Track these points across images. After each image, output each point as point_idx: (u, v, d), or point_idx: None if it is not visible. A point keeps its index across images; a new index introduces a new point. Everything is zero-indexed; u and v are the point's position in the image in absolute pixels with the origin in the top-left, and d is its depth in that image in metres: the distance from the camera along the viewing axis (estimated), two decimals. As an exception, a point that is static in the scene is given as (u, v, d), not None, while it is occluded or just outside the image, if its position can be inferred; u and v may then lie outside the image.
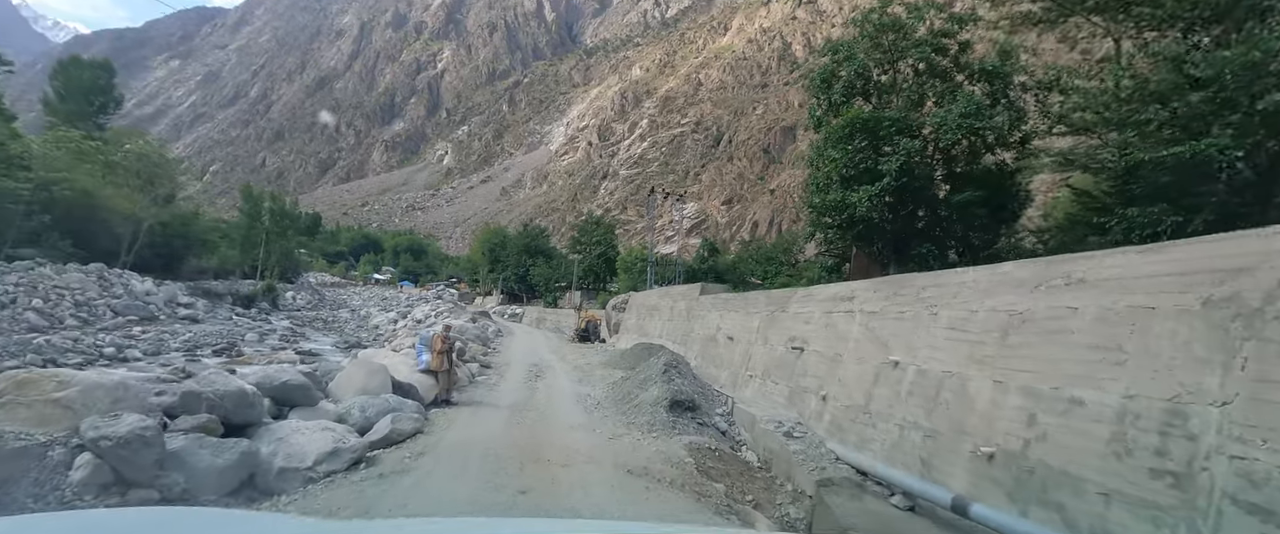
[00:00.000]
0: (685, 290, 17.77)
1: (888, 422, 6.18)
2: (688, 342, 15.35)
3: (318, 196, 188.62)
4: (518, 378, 13.77)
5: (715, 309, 14.09)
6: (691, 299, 16.35)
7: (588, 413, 9.32)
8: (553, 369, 15.82)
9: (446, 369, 9.47)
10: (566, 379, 13.85)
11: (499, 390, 11.75)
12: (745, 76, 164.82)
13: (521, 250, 61.56)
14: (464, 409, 9.25)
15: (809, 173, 18.07)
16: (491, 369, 15.04)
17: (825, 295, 8.74)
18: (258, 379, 6.46)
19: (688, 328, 15.90)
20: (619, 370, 14.24)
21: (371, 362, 8.66)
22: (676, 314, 17.46)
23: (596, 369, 15.75)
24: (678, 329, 16.80)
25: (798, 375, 8.65)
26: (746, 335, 11.35)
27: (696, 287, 16.65)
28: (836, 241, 16.21)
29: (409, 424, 6.87)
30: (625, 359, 16.02)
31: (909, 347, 6.29)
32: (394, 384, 8.12)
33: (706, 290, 16.08)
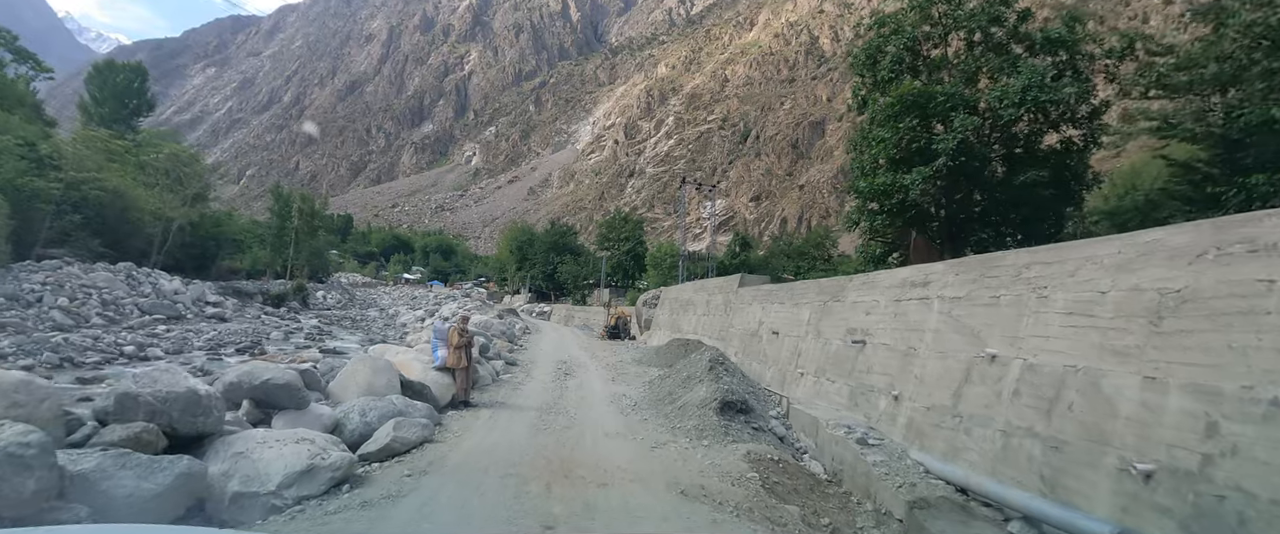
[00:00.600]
0: (722, 283, 16.70)
1: (987, 427, 5.10)
2: (726, 337, 14.32)
3: (349, 199, 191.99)
4: (545, 376, 12.91)
5: (756, 302, 13.03)
6: (729, 292, 15.29)
7: (624, 416, 8.37)
8: (583, 367, 14.97)
9: (465, 366, 8.53)
10: (598, 378, 12.97)
11: (524, 390, 10.89)
12: (772, 72, 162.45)
13: (549, 248, 61.04)
14: (484, 412, 8.34)
15: (852, 157, 16.88)
16: (517, 366, 14.21)
17: (891, 281, 7.66)
18: (236, 378, 5.58)
19: (726, 323, 14.87)
20: (654, 368, 13.31)
21: (377, 358, 7.57)
22: (713, 308, 16.42)
23: (630, 367, 14.84)
24: (714, 324, 15.76)
25: (860, 372, 7.58)
26: (794, 329, 10.30)
27: (735, 278, 15.59)
28: (885, 229, 15.00)
29: (415, 431, 5.94)
30: (660, 356, 15.05)
31: (1010, 337, 5.20)
32: (404, 384, 7.22)
33: (746, 282, 15.01)
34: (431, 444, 6.12)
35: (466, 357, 8.59)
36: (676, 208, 46.87)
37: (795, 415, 7.84)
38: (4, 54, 39.49)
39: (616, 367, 14.94)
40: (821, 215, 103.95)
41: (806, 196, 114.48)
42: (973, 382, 5.47)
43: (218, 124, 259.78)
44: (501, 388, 11.00)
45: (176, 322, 21.83)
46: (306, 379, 6.18)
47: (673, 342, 15.75)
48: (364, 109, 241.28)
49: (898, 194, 13.86)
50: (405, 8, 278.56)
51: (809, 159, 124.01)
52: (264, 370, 5.80)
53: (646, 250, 50.33)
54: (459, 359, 8.50)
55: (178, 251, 33.02)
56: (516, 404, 9.33)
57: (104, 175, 24.72)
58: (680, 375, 9.45)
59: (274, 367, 6.04)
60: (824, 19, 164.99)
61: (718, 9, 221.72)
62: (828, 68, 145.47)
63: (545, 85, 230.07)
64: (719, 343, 14.07)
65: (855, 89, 16.33)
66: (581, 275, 55.59)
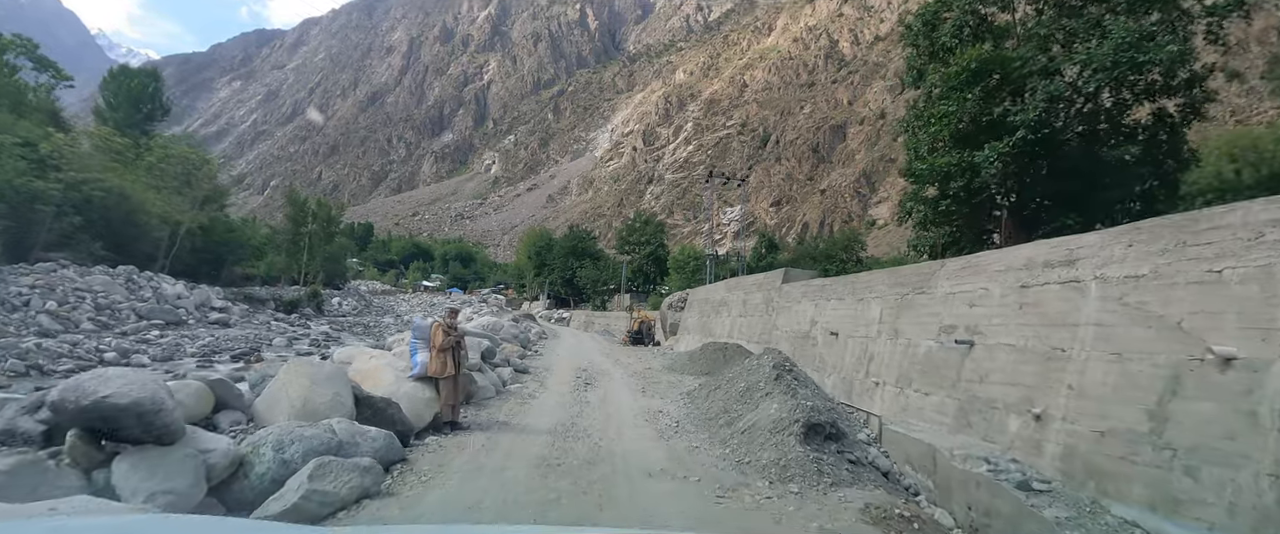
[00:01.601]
0: (761, 279, 14.93)
1: (1233, 468, 3.33)
2: (769, 340, 12.58)
3: (371, 208, 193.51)
4: (562, 387, 11.04)
5: (806, 299, 11.29)
6: (771, 289, 13.53)
7: (667, 442, 6.47)
8: (606, 375, 13.22)
9: (451, 375, 6.64)
10: (626, 388, 11.16)
11: (535, 405, 8.92)
12: (791, 76, 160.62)
13: (568, 253, 59.64)
14: (475, 437, 6.41)
15: (904, 139, 15.05)
16: (529, 375, 12.46)
17: (1008, 263, 5.89)
18: (60, 395, 3.60)
19: (768, 323, 13.12)
20: (688, 375, 11.67)
21: (320, 365, 5.51)
22: (751, 308, 14.68)
23: (661, 375, 13.26)
24: (754, 326, 14.01)
25: (969, 382, 5.83)
26: (861, 328, 8.55)
27: (777, 274, 13.84)
28: (948, 215, 13.13)
29: (347, 481, 3.92)
30: (695, 362, 13.42)
31: (1262, 328, 3.43)
32: (361, 401, 5.24)
33: (790, 277, 13.23)
34: (374, 499, 4.13)
35: (454, 362, 6.71)
36: (703, 203, 44.85)
37: (891, 439, 6.07)
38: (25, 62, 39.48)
39: (645, 375, 13.31)
40: (844, 219, 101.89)
41: (828, 201, 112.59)
42: (1187, 395, 3.70)
43: (243, 136, 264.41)
44: (506, 402, 9.11)
45: (175, 327, 20.65)
46: (220, 393, 4.56)
47: (707, 346, 14.01)
48: (385, 119, 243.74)
49: (963, 176, 12.05)
50: (425, 19, 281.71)
51: (830, 163, 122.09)
52: (100, 383, 3.59)
53: (668, 253, 48.61)
54: (443, 365, 6.61)
55: (188, 256, 32.11)
56: (522, 425, 7.40)
57: (106, 176, 23.78)
58: (735, 387, 7.63)
59: (121, 377, 3.71)
60: (843, 22, 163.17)
61: (735, 15, 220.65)
62: (848, 71, 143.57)
63: (563, 93, 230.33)
64: (759, 347, 12.34)
65: (909, 60, 14.53)
66: (601, 280, 54.00)
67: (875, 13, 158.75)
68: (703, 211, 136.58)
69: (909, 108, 14.69)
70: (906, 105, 14.87)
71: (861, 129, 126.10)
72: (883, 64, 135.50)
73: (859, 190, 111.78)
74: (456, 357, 6.84)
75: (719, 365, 11.37)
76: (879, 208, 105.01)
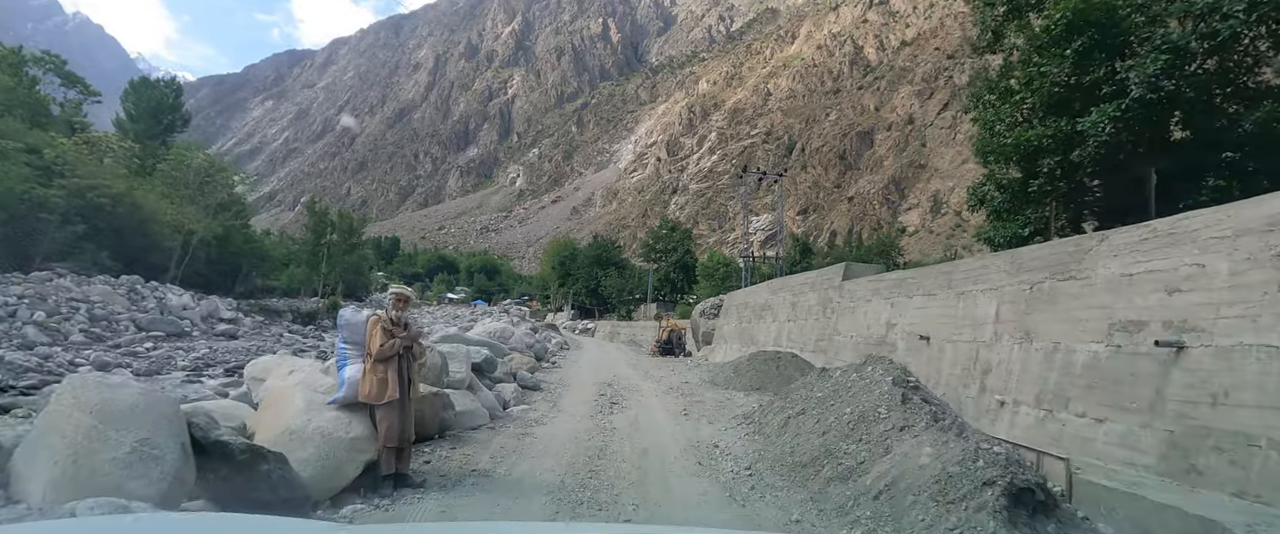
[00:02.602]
0: (814, 278, 12.90)
1: None
2: (830, 349, 10.61)
3: (398, 222, 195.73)
4: (580, 408, 8.79)
5: (877, 297, 9.33)
6: (828, 288, 11.54)
7: (743, 507, 4.29)
8: (636, 391, 11.08)
9: (395, 399, 4.36)
10: (663, 410, 8.92)
11: (540, 438, 6.60)
12: (815, 84, 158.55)
13: (592, 262, 58.04)
14: (430, 503, 4.16)
15: (974, 116, 13.00)
16: (541, 392, 10.39)
17: (1245, 222, 3.92)
18: None
19: (826, 328, 11.15)
20: (740, 392, 9.74)
21: (120, 390, 3.07)
22: (803, 311, 12.68)
23: (702, 391, 11.10)
24: (807, 331, 12.04)
25: (1184, 404, 3.88)
26: (966, 331, 6.60)
27: (835, 269, 11.78)
28: (1040, 198, 11.03)
29: None
30: (742, 375, 11.35)
31: None
32: (207, 446, 3.12)
33: (852, 273, 11.19)
34: None
35: (398, 378, 4.42)
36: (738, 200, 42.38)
37: (1103, 499, 4.02)
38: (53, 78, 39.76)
39: (683, 391, 11.17)
40: (873, 227, 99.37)
41: (856, 209, 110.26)
42: None
43: (275, 154, 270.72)
44: (500, 433, 6.71)
45: (176, 339, 19.43)
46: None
47: (755, 356, 12.02)
48: (412, 135, 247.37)
49: (1059, 150, 10.00)
50: (451, 36, 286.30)
51: (857, 170, 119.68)
52: None
53: (696, 261, 46.64)
54: (382, 386, 4.35)
55: (203, 267, 31.30)
56: (513, 475, 5.05)
57: (113, 183, 22.91)
58: (832, 413, 5.38)
59: None
60: (868, 28, 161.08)
61: (758, 24, 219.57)
62: (874, 77, 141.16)
63: (587, 106, 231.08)
64: (818, 355, 10.41)
65: (981, 20, 12.46)
66: (626, 289, 52.19)
67: (900, 18, 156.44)
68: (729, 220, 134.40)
69: (978, 78, 12.64)
70: (974, 75, 12.82)
71: (889, 135, 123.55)
72: (910, 69, 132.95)
73: (888, 197, 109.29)
74: (404, 370, 4.44)
75: (772, 379, 9.47)
76: (909, 214, 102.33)
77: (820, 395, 5.98)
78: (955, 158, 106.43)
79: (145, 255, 26.50)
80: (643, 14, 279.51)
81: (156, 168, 28.27)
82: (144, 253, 26.46)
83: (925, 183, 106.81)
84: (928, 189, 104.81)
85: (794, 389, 6.95)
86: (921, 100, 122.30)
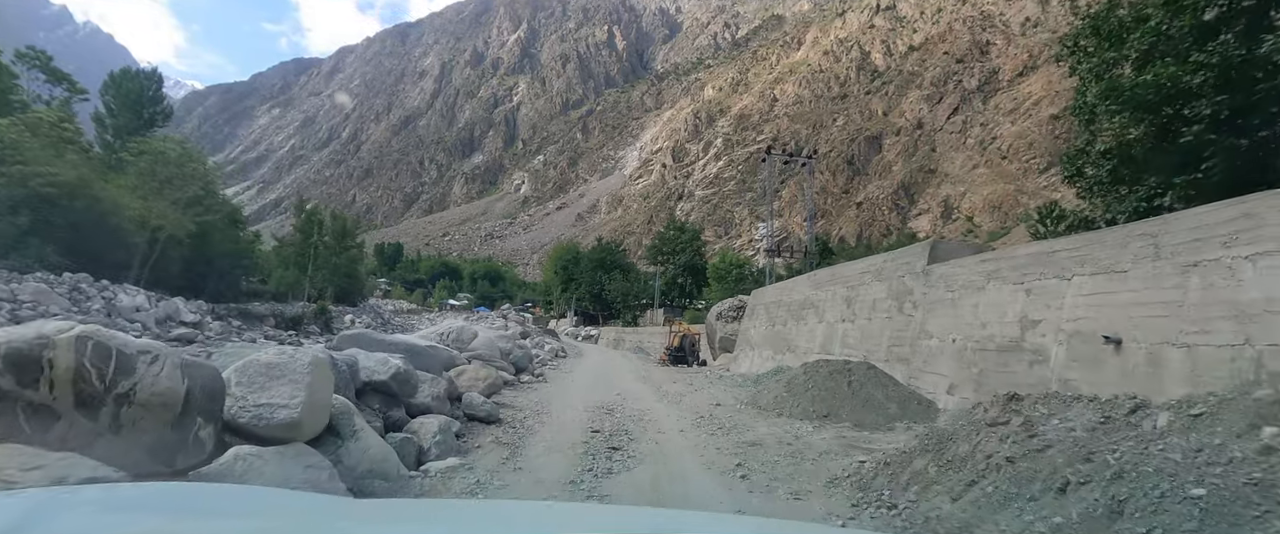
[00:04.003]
0: (880, 263, 10.11)
1: None
2: (913, 354, 8.03)
3: (402, 229, 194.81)
4: (553, 465, 5.54)
5: (999, 281, 6.74)
6: (907, 274, 8.86)
7: None
8: (649, 422, 7.84)
9: None
10: (700, 466, 5.57)
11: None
12: (822, 89, 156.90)
13: (595, 266, 55.51)
14: None
15: (1072, 61, 10.47)
16: (496, 427, 7.06)
17: None
18: None
19: (907, 328, 8.49)
20: (810, 425, 7.06)
21: None
22: (866, 307, 9.95)
23: (749, 422, 7.76)
24: (874, 333, 9.36)
25: None
26: (1224, 327, 4.04)
27: (917, 249, 9.34)
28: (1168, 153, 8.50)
29: None
30: (799, 395, 8.33)
31: None
32: None
33: (942, 253, 8.47)
34: None
35: None
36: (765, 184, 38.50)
37: None
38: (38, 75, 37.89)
39: (720, 421, 7.84)
40: (882, 232, 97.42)
41: (865, 214, 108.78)
42: None
43: (281, 161, 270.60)
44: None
45: (121, 344, 17.03)
46: None
47: (814, 368, 8.81)
48: (417, 142, 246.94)
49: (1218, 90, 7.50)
50: (456, 44, 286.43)
51: (866, 176, 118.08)
52: None
53: (706, 262, 44.06)
54: None
55: (177, 267, 28.95)
56: None
57: (61, 170, 20.60)
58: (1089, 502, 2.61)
59: None
60: (875, 34, 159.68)
61: (764, 31, 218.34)
62: (882, 82, 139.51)
63: (592, 113, 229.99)
64: (895, 365, 7.88)
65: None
66: (631, 293, 49.59)
67: (907, 23, 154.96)
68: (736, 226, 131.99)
69: (1076, 13, 10.12)
70: (1072, 10, 10.29)
71: (898, 140, 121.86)
72: (918, 74, 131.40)
73: (897, 202, 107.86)
74: None
75: (846, 402, 6.89)
76: (919, 220, 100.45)
77: (1014, 454, 3.40)
78: (966, 162, 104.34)
79: (107, 253, 24.16)
80: (648, 22, 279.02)
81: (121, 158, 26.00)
82: (106, 250, 24.12)
83: (935, 188, 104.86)
84: (938, 194, 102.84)
85: (938, 441, 4.26)
86: (930, 105, 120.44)
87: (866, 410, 6.89)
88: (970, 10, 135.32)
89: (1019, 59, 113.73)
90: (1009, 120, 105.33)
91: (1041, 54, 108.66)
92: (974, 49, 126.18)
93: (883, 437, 6.51)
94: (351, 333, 6.95)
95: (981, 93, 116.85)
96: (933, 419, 6.79)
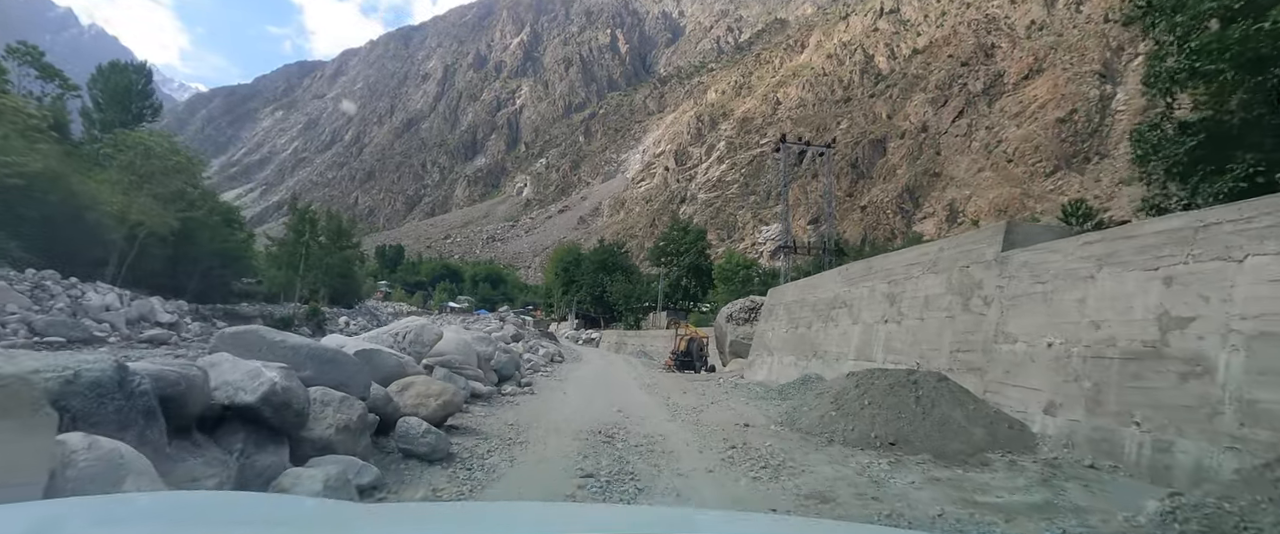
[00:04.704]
0: (938, 251, 8.60)
1: None
2: (988, 361, 6.54)
3: (404, 231, 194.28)
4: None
5: (1115, 266, 5.09)
6: (974, 262, 7.31)
7: None
8: (662, 452, 6.17)
9: None
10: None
11: None
12: (826, 93, 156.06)
13: (597, 268, 54.11)
14: None
15: (1147, 23, 9.14)
16: (450, 468, 5.19)
17: None
18: None
19: (978, 328, 6.84)
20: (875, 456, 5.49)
21: None
22: (917, 305, 8.76)
23: (792, 451, 6.21)
24: (930, 336, 7.69)
25: None
26: None
27: (987, 233, 7.92)
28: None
29: None
30: (851, 414, 6.74)
31: None
32: None
33: (1021, 237, 6.83)
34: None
35: None
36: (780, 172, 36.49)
37: None
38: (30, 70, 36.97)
39: (755, 451, 6.16)
40: (887, 236, 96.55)
41: (869, 218, 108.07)
42: None
43: (284, 164, 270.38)
44: None
45: (84, 345, 15.78)
46: None
47: (870, 379, 7.22)
48: (419, 145, 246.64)
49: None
50: (459, 47, 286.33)
51: (870, 179, 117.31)
52: None
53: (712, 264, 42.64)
54: None
55: (160, 266, 27.77)
56: None
57: (26, 160, 19.36)
58: None
59: None
60: (879, 37, 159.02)
61: (767, 34, 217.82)
62: (886, 85, 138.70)
63: (595, 116, 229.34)
64: (965, 374, 6.48)
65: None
66: (634, 295, 48.17)
67: (911, 26, 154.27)
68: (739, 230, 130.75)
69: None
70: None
71: (902, 143, 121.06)
72: (923, 77, 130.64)
73: (902, 206, 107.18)
74: None
75: (917, 424, 5.38)
76: (924, 224, 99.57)
77: None
78: (971, 166, 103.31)
79: (84, 250, 22.96)
80: (651, 25, 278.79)
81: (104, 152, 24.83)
82: (82, 247, 22.91)
83: (940, 191, 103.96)
84: (943, 198, 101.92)
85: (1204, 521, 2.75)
86: (935, 108, 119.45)
87: (944, 436, 5.50)
88: (975, 14, 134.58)
89: (1024, 62, 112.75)
90: (1014, 123, 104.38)
91: (1047, 57, 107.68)
92: (979, 52, 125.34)
93: (985, 478, 5.02)
94: (234, 331, 4.85)
95: (987, 96, 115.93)
96: (1032, 448, 5.43)
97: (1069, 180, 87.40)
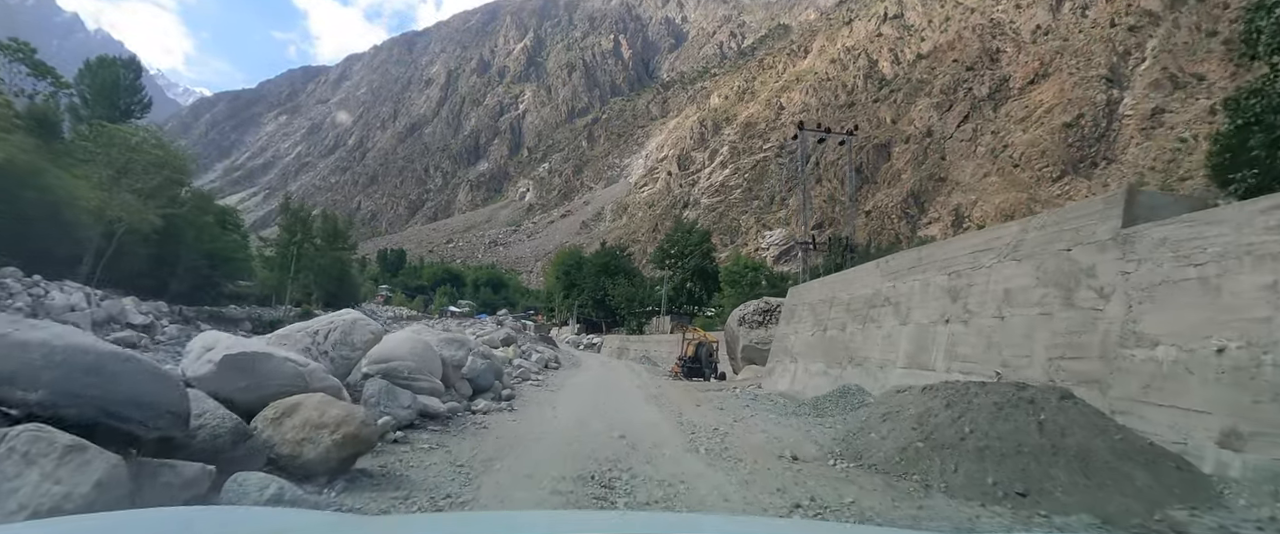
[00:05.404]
0: (1015, 233, 7.23)
1: None
2: (1113, 371, 4.65)
3: (407, 236, 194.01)
4: None
5: None
6: (1080, 245, 6.06)
7: None
8: None
9: None
10: None
11: None
12: (829, 97, 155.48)
13: (599, 271, 52.81)
14: None
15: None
16: None
17: None
18: None
19: (1094, 330, 5.63)
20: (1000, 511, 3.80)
21: None
22: (991, 300, 7.20)
23: (882, 504, 4.31)
24: (1011, 338, 5.69)
25: None
26: None
27: (1098, 205, 6.22)
28: None
29: None
30: (955, 441, 4.85)
31: None
32: None
33: (1152, 210, 5.10)
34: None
35: None
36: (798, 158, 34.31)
37: None
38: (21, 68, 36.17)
39: (828, 510, 4.14)
40: (892, 241, 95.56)
41: (874, 223, 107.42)
42: None
43: (288, 168, 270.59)
44: None
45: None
46: None
47: (964, 391, 5.40)
48: (422, 149, 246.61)
49: None
50: (463, 52, 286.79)
51: (874, 184, 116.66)
52: None
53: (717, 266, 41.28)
54: None
55: (143, 266, 26.62)
56: None
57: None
58: None
59: None
60: (882, 42, 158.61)
61: (770, 40, 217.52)
62: (890, 90, 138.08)
63: (597, 121, 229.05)
64: (1079, 385, 4.95)
65: None
66: (636, 299, 46.81)
67: (915, 31, 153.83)
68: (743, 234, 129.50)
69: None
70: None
71: (907, 148, 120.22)
72: (927, 81, 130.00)
73: (907, 211, 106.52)
74: None
75: (1044, 459, 3.42)
76: (929, 228, 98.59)
77: None
78: (976, 171, 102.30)
79: (56, 247, 21.79)
80: (654, 31, 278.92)
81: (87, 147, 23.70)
82: (55, 244, 21.74)
83: (946, 196, 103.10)
84: (948, 202, 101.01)
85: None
86: (940, 112, 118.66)
87: (1094, 482, 3.98)
88: (979, 18, 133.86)
89: (1030, 66, 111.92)
90: (1020, 128, 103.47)
91: (1053, 61, 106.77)
92: (984, 56, 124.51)
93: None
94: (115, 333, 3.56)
95: (992, 100, 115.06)
96: (1215, 498, 3.89)
97: (1076, 185, 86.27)
